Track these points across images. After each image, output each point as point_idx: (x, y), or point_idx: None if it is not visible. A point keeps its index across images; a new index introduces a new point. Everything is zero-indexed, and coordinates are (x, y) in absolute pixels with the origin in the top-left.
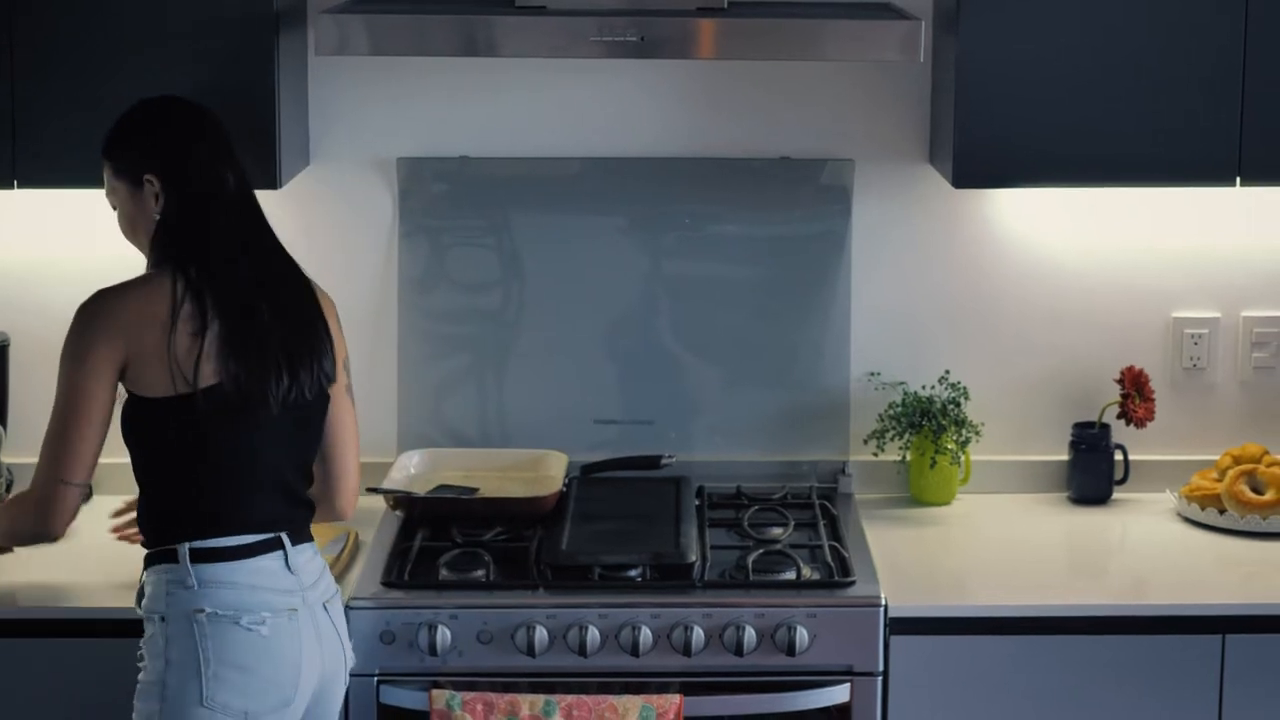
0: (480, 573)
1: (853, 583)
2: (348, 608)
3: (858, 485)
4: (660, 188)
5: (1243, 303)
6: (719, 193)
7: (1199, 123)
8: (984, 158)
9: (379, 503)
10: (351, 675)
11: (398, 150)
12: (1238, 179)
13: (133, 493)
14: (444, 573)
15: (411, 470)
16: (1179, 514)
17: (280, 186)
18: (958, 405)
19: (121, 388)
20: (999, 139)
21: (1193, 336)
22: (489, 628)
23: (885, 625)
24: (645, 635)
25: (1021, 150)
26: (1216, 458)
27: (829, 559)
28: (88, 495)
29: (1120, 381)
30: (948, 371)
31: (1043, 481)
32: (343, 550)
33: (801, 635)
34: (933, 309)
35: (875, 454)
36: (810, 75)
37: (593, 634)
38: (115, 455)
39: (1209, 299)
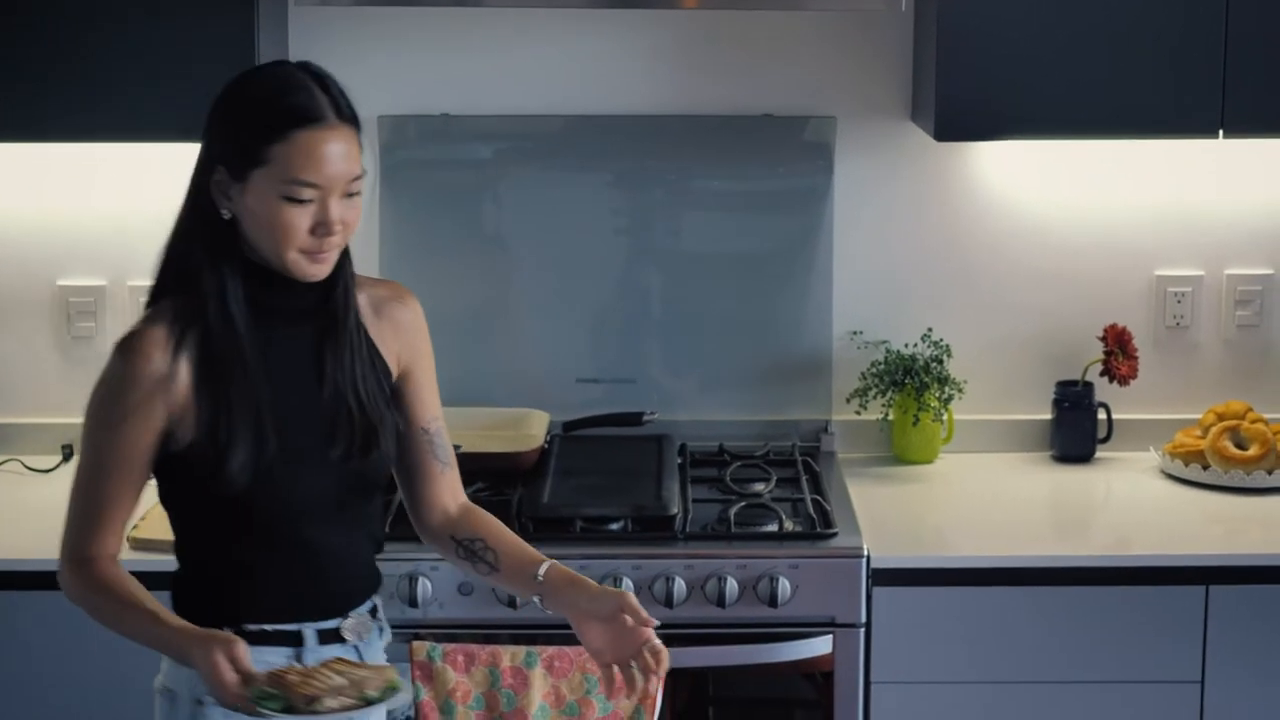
0: None
1: (835, 534)
2: None
3: (840, 444)
4: (643, 145)
5: (1226, 261)
6: (702, 150)
7: (1181, 74)
8: (966, 110)
9: None
10: None
11: (379, 108)
12: (1220, 131)
13: None
14: None
15: None
16: (1162, 471)
17: None
18: (940, 363)
19: None
20: (981, 91)
21: (1176, 295)
22: (470, 579)
23: (868, 577)
24: (627, 587)
25: (1004, 103)
26: (1199, 416)
27: (811, 511)
28: None
29: (1103, 339)
30: (930, 329)
31: (1026, 440)
32: None
33: (784, 587)
34: (915, 267)
35: (858, 412)
36: (793, 32)
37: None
38: None
39: (1192, 257)
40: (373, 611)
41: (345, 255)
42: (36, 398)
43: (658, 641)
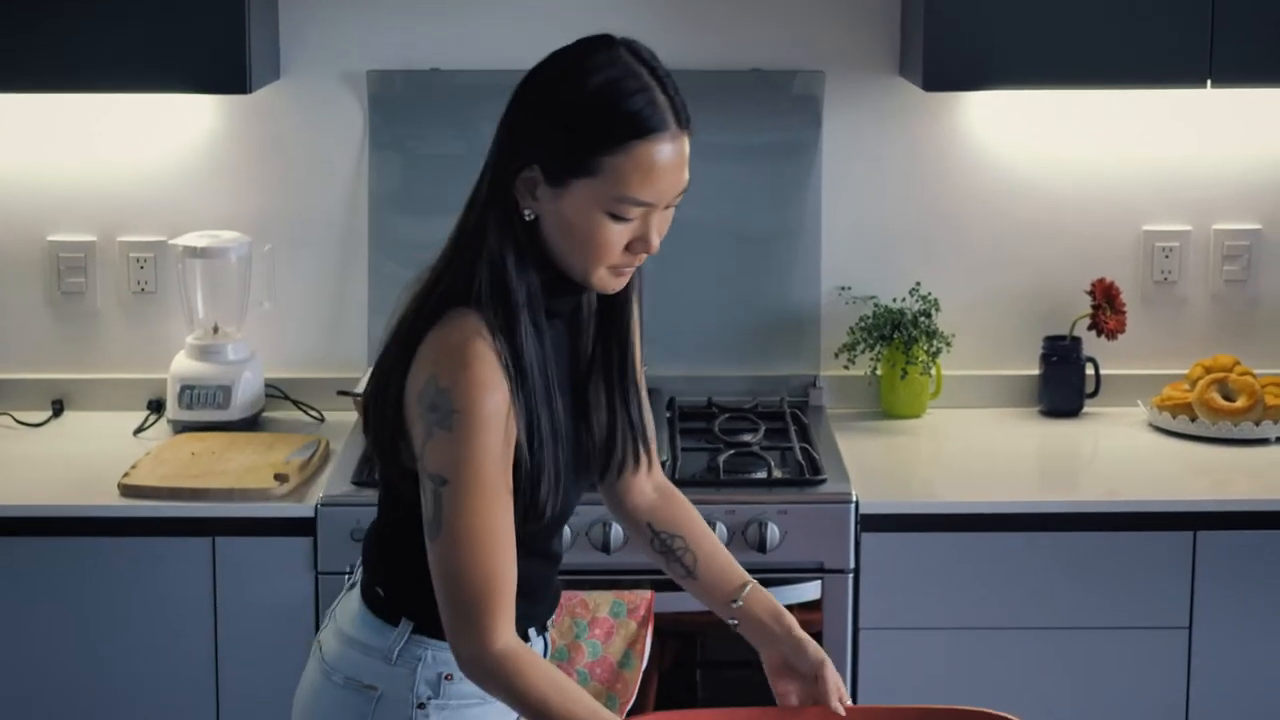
0: None
1: (824, 481)
2: (319, 506)
3: (829, 400)
4: None
5: (1214, 216)
6: (690, 104)
7: (1169, 23)
8: (954, 59)
9: (349, 415)
10: (320, 574)
11: (368, 63)
12: (1208, 81)
13: None
14: None
15: None
16: (1150, 424)
17: (250, 91)
18: (928, 316)
19: None
20: (969, 40)
21: (1163, 250)
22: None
23: (856, 522)
24: (616, 532)
25: (992, 52)
26: (1187, 371)
27: (800, 459)
28: None
29: (1091, 293)
30: (918, 284)
31: (1014, 395)
32: (313, 455)
33: (772, 532)
34: (903, 222)
35: (846, 367)
36: None
37: (564, 530)
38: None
39: (1180, 212)
40: None
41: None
42: (26, 353)
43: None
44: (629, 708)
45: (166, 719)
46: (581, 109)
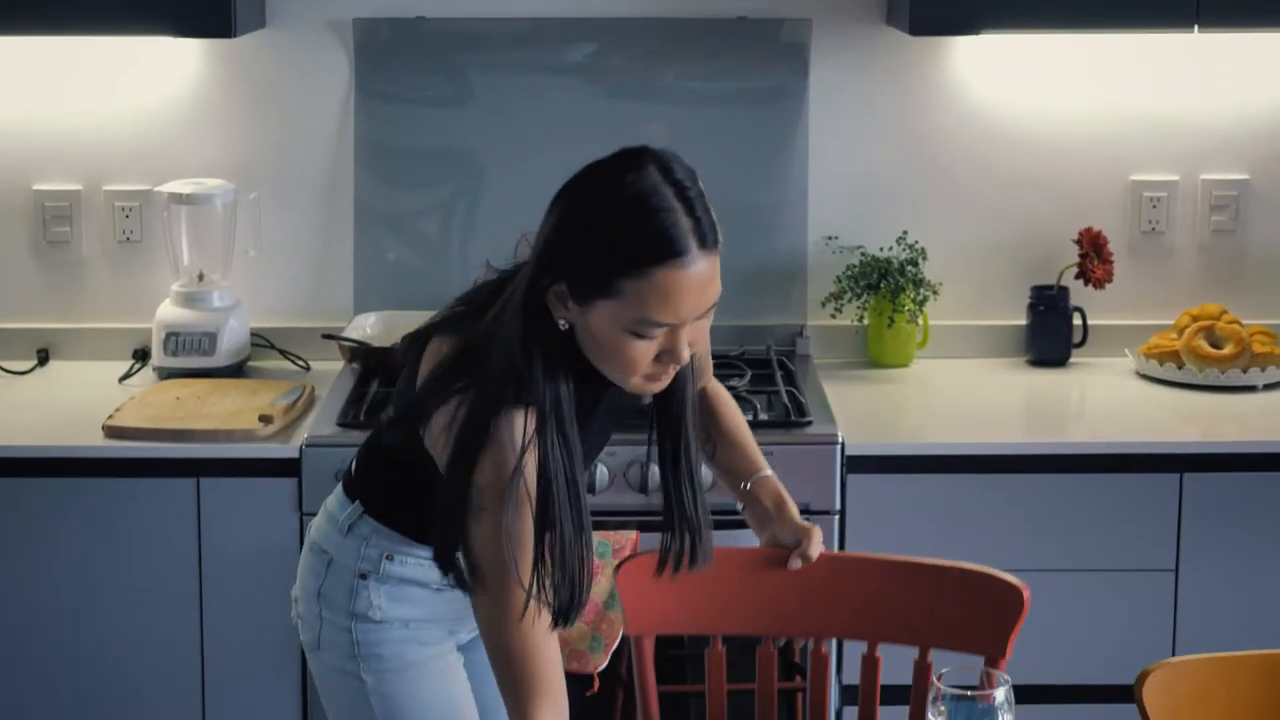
0: None
1: (809, 423)
2: (304, 447)
3: (815, 349)
4: (618, 47)
5: (1201, 166)
6: (676, 52)
7: None
8: (940, 3)
9: (335, 364)
10: (305, 515)
11: (354, 10)
12: (1195, 25)
13: None
14: None
15: (368, 330)
16: (1137, 372)
17: (234, 35)
18: (915, 265)
19: None
20: None
21: (1151, 200)
22: None
23: (842, 464)
24: (602, 473)
25: None
26: (1174, 321)
27: (786, 402)
28: None
29: (1078, 242)
30: (905, 233)
31: (1001, 346)
32: (298, 399)
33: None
34: (891, 171)
35: (833, 316)
36: None
37: None
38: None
39: (1167, 161)
40: None
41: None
42: (12, 302)
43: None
44: (614, 648)
45: (150, 658)
46: (604, 232)
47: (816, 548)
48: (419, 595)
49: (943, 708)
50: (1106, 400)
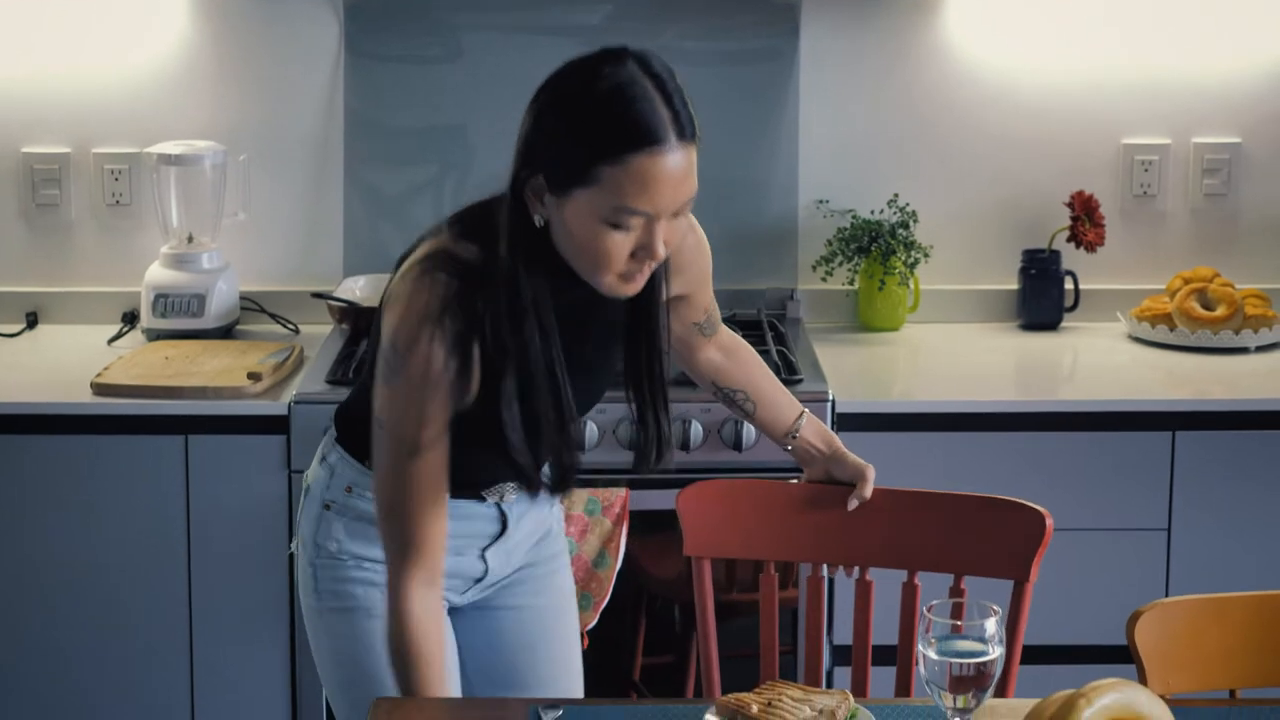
0: None
1: (800, 380)
2: (293, 404)
3: (806, 313)
4: (610, 9)
5: (1193, 129)
6: (667, 13)
7: None
8: None
9: (323, 325)
10: (293, 472)
11: None
12: None
13: None
14: None
15: (357, 293)
16: (1130, 335)
17: None
18: (906, 227)
19: None
20: None
21: (1143, 163)
22: None
23: (833, 422)
24: (591, 430)
25: None
26: (1166, 286)
27: (776, 360)
28: None
29: (1070, 205)
30: (896, 195)
31: (992, 310)
32: (287, 358)
33: (748, 431)
34: (882, 134)
35: (824, 279)
36: None
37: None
38: None
39: (1159, 125)
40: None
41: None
42: (1, 265)
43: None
44: (603, 606)
45: (138, 614)
46: (582, 120)
47: (870, 486)
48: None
49: (933, 638)
50: (1098, 363)
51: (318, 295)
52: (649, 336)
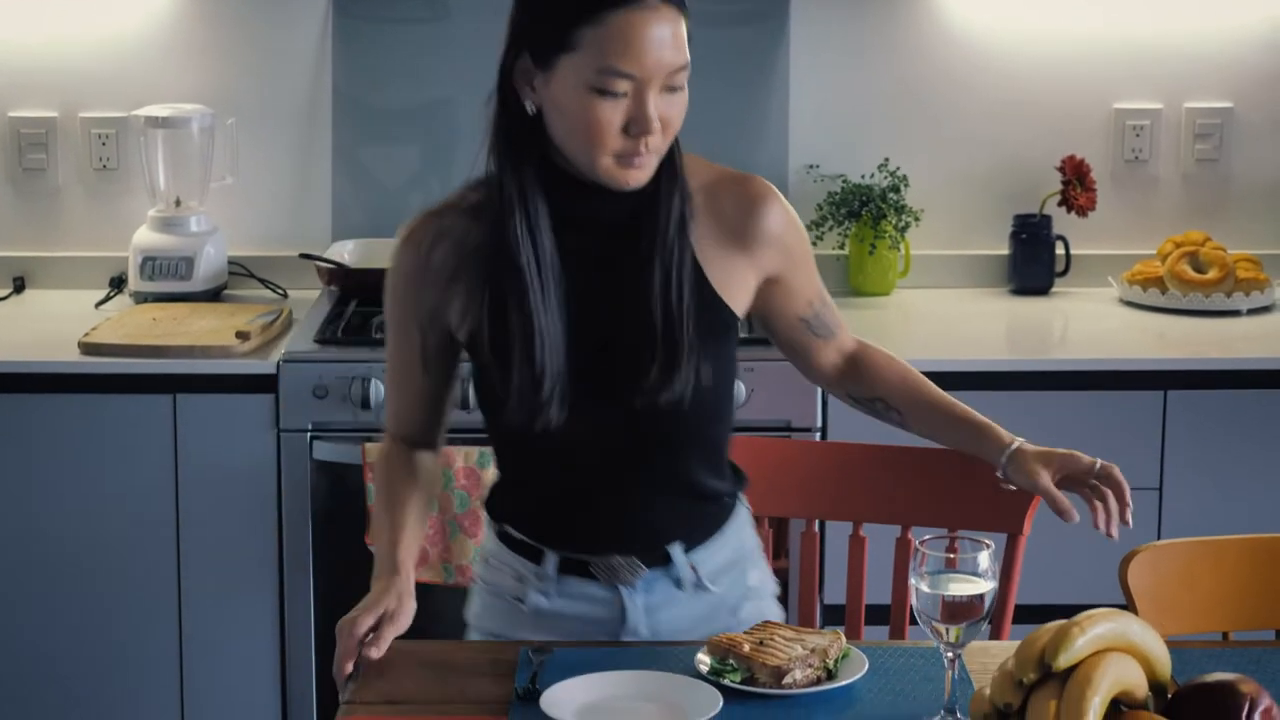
0: None
1: None
2: (281, 362)
3: None
4: None
5: (1185, 94)
6: None
7: None
8: None
9: (312, 290)
10: (282, 431)
11: None
12: None
13: None
14: (378, 333)
15: (345, 257)
16: (1121, 299)
17: None
18: (897, 192)
19: None
20: None
21: (1134, 128)
22: None
23: None
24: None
25: None
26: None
27: None
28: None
29: (1061, 169)
30: (887, 159)
31: (983, 275)
32: (275, 320)
33: (739, 390)
34: (873, 99)
35: (814, 243)
36: None
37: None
38: None
39: (1151, 90)
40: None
41: (672, 162)
42: None
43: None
44: None
45: (127, 573)
46: None
47: (1127, 491)
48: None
49: (926, 572)
50: (1090, 325)
51: (306, 256)
52: (663, 244)
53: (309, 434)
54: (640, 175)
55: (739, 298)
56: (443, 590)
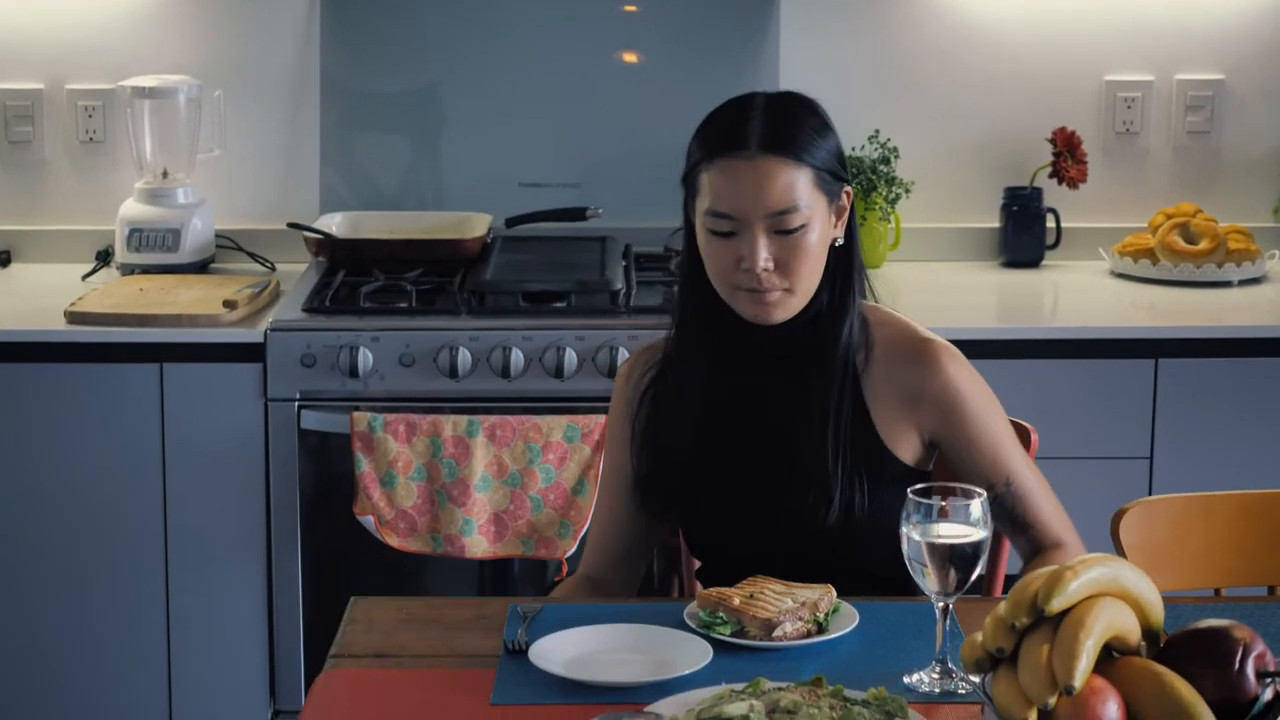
0: (403, 303)
1: None
2: (269, 331)
3: None
4: None
5: (1176, 65)
6: None
7: None
8: None
9: (300, 263)
10: (270, 400)
11: None
12: None
13: None
14: (366, 302)
15: (333, 229)
16: (1112, 271)
17: None
18: (888, 163)
19: None
20: None
21: (1125, 100)
22: (411, 350)
23: None
24: (570, 357)
25: None
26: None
27: None
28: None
29: (1052, 141)
30: (877, 131)
31: (974, 248)
32: (262, 291)
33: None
34: (863, 70)
35: None
36: None
37: (516, 356)
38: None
39: (1142, 62)
40: None
41: (841, 302)
42: None
43: None
44: (582, 534)
45: (114, 543)
46: (698, 132)
47: None
48: None
49: (917, 520)
50: (1081, 297)
51: (294, 225)
52: (823, 388)
53: (297, 403)
54: (770, 310)
55: (904, 449)
56: (431, 560)
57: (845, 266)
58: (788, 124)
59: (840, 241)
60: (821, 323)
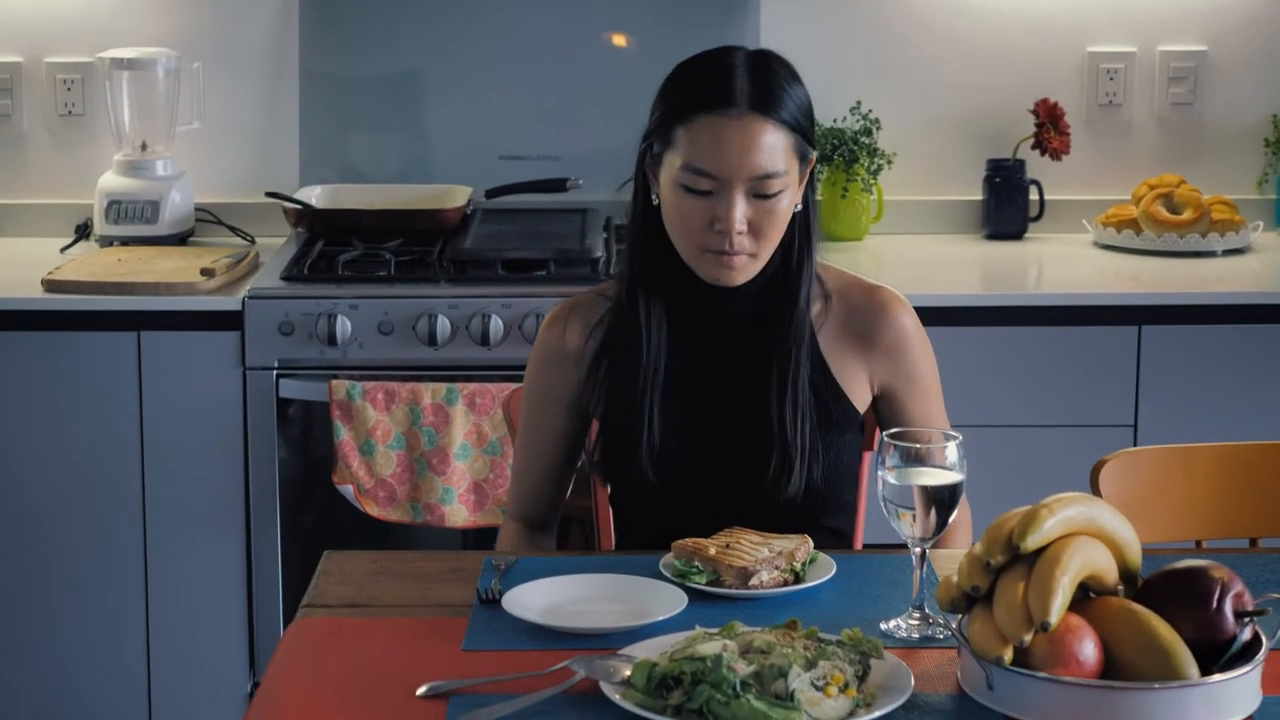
0: (382, 271)
1: None
2: (246, 299)
3: None
4: None
5: (1160, 36)
6: None
7: None
8: None
9: (279, 237)
10: (248, 369)
11: None
12: None
13: None
14: (345, 270)
15: (313, 202)
16: (1095, 242)
17: None
18: (869, 135)
19: None
20: None
21: (1108, 71)
22: (389, 318)
23: None
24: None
25: None
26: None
27: None
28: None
29: (1034, 112)
30: (859, 102)
31: (957, 221)
32: (240, 260)
33: (495, 325)
34: (845, 42)
35: None
36: None
37: (496, 324)
38: None
39: (1125, 33)
40: None
41: (800, 265)
42: None
43: None
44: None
45: (91, 512)
46: (672, 84)
47: None
48: None
49: (893, 464)
50: (1065, 268)
51: (273, 195)
52: (783, 354)
53: (275, 371)
54: (733, 274)
55: (859, 397)
56: (411, 529)
57: (805, 230)
58: (773, 84)
59: (799, 207)
60: (779, 287)
